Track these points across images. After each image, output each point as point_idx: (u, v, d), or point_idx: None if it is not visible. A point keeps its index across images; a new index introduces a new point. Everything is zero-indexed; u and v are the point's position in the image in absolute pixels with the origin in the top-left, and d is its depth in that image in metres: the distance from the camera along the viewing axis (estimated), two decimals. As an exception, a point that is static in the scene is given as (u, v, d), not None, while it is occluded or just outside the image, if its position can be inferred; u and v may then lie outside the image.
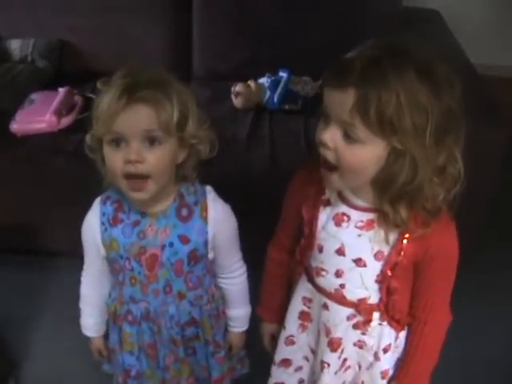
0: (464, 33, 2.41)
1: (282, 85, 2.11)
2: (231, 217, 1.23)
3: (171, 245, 1.16)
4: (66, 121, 1.98)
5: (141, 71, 1.07)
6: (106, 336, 1.35)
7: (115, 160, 1.06)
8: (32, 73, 2.21)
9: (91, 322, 1.32)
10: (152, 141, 1.05)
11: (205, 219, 1.17)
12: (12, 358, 1.77)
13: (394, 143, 0.90)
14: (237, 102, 2.08)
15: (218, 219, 1.19)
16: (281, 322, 1.26)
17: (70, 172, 1.87)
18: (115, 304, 1.26)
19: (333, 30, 2.26)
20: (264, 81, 2.14)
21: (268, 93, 2.10)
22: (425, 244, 1.01)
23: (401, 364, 1.16)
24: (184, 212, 1.16)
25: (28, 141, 1.93)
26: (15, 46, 2.29)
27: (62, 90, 2.08)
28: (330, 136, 0.92)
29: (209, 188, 1.21)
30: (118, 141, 1.05)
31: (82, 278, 1.29)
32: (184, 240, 1.16)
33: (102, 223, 1.17)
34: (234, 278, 1.30)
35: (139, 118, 1.03)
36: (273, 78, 2.14)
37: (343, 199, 1.04)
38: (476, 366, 1.77)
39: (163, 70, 1.12)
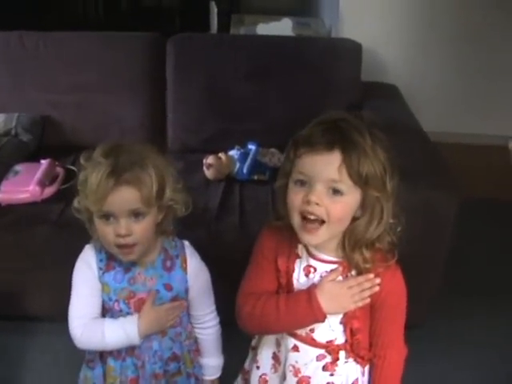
0: (418, 104, 2.59)
1: (250, 157, 2.21)
2: (205, 270, 1.37)
3: (157, 291, 1.29)
4: (49, 191, 2.06)
5: (121, 150, 1.21)
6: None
7: (107, 232, 1.20)
8: (16, 146, 2.28)
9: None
10: (137, 215, 1.20)
11: (185, 270, 1.32)
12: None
13: (367, 191, 1.07)
14: (209, 173, 2.17)
15: (194, 271, 1.33)
16: None
17: (53, 239, 1.92)
18: None
19: (298, 104, 2.41)
20: (234, 153, 2.23)
21: (238, 164, 2.19)
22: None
23: None
24: (168, 263, 1.31)
25: (12, 210, 1.99)
26: (-1, 120, 2.35)
27: (44, 162, 2.16)
28: (318, 195, 1.06)
29: (187, 243, 1.36)
30: (107, 216, 1.19)
31: (80, 326, 1.26)
32: (168, 288, 1.31)
33: (100, 268, 1.29)
34: (206, 329, 1.41)
35: (126, 199, 1.17)
36: (242, 151, 2.24)
37: (310, 254, 1.18)
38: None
39: (141, 144, 1.26)
